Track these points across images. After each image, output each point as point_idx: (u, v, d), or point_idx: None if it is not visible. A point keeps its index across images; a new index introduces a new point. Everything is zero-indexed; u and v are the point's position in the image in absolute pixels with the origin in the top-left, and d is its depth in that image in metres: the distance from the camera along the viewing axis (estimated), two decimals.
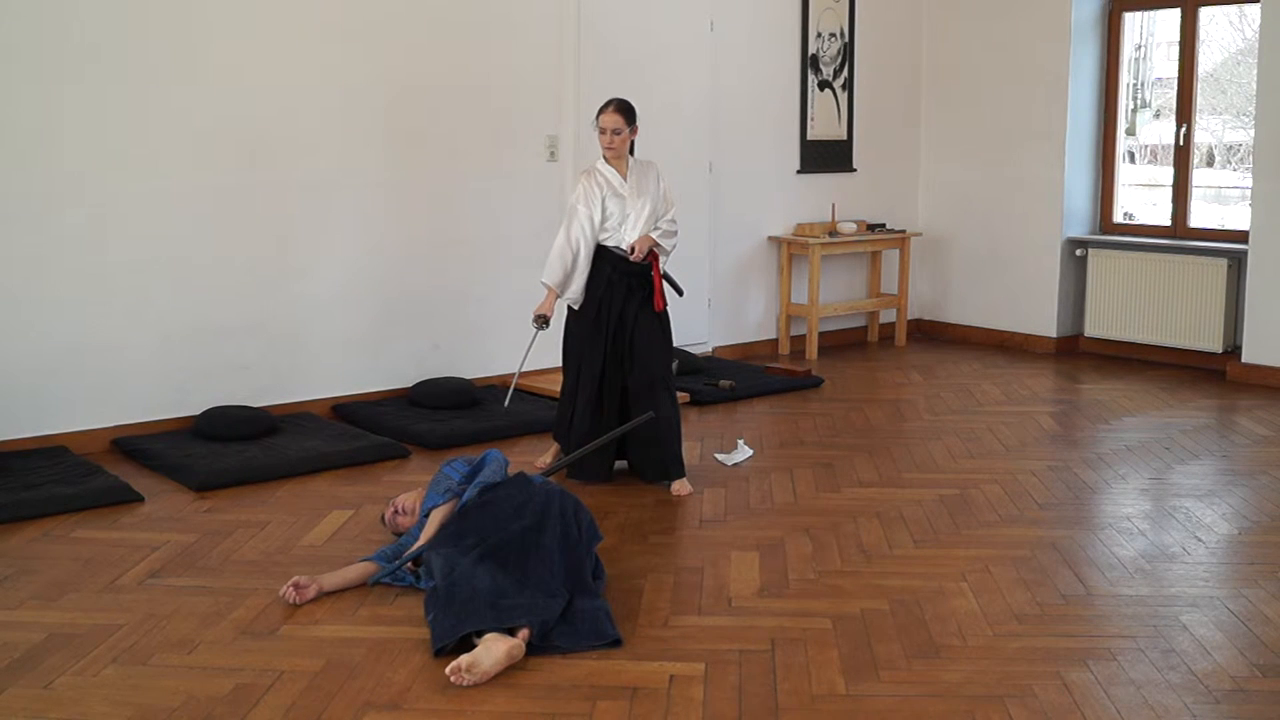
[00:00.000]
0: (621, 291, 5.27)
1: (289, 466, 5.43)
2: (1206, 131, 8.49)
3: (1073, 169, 8.37)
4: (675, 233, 5.40)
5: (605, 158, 5.28)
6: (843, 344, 8.79)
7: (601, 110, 5.23)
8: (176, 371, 6.01)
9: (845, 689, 3.37)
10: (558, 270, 5.23)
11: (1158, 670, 3.49)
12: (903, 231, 8.75)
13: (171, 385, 5.99)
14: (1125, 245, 8.20)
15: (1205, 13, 8.03)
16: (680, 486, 5.21)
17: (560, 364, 5.53)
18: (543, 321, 5.25)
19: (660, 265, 5.36)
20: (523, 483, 4.13)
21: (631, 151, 5.36)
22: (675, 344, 6.20)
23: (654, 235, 5.26)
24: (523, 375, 7.10)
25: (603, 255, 5.25)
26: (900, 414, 6.69)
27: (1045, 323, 8.55)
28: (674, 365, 5.93)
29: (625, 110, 5.21)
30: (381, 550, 4.23)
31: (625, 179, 5.26)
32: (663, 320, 5.35)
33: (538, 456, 5.66)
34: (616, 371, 5.31)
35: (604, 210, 5.22)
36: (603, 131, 5.20)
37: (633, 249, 5.21)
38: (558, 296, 5.26)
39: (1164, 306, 7.98)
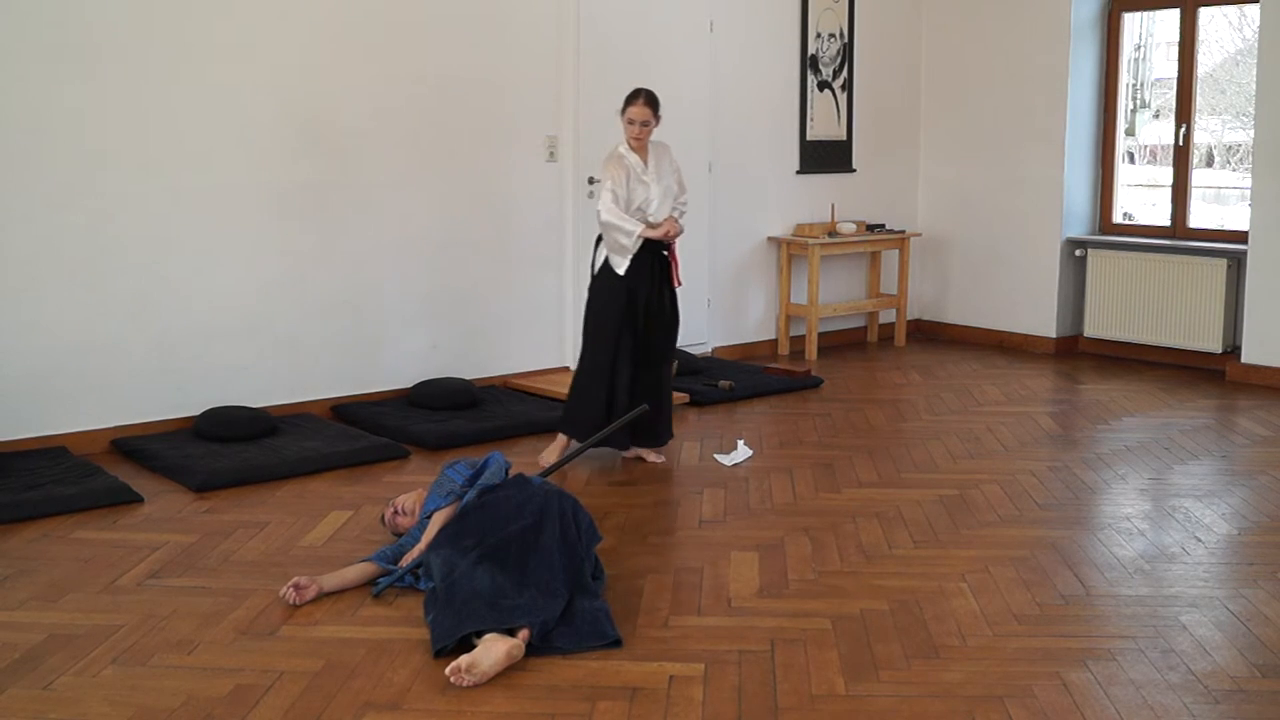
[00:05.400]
0: (646, 270, 5.51)
1: (289, 467, 5.43)
2: (1206, 132, 8.49)
3: (1072, 169, 8.37)
4: (685, 214, 5.73)
5: (630, 145, 5.49)
6: (842, 344, 8.79)
7: (630, 102, 5.45)
8: (176, 371, 6.00)
9: (845, 689, 3.37)
10: (621, 224, 5.40)
11: (1157, 670, 3.49)
12: (902, 232, 8.75)
13: (171, 385, 5.99)
14: (1124, 245, 8.20)
15: (1205, 13, 8.04)
16: (657, 455, 5.62)
17: (573, 362, 5.69)
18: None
19: (675, 243, 5.65)
20: (521, 483, 4.14)
21: None
22: (675, 344, 6.27)
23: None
24: (521, 375, 7.14)
25: None
26: (900, 414, 6.69)
27: (1045, 323, 8.55)
28: (673, 366, 5.99)
29: (654, 103, 5.48)
30: (381, 551, 4.22)
31: (646, 165, 5.51)
32: (674, 296, 5.67)
33: (538, 456, 5.66)
34: (640, 347, 5.58)
35: (630, 193, 5.46)
36: (631, 122, 5.45)
37: (667, 232, 5.46)
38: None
39: (1163, 307, 7.98)
